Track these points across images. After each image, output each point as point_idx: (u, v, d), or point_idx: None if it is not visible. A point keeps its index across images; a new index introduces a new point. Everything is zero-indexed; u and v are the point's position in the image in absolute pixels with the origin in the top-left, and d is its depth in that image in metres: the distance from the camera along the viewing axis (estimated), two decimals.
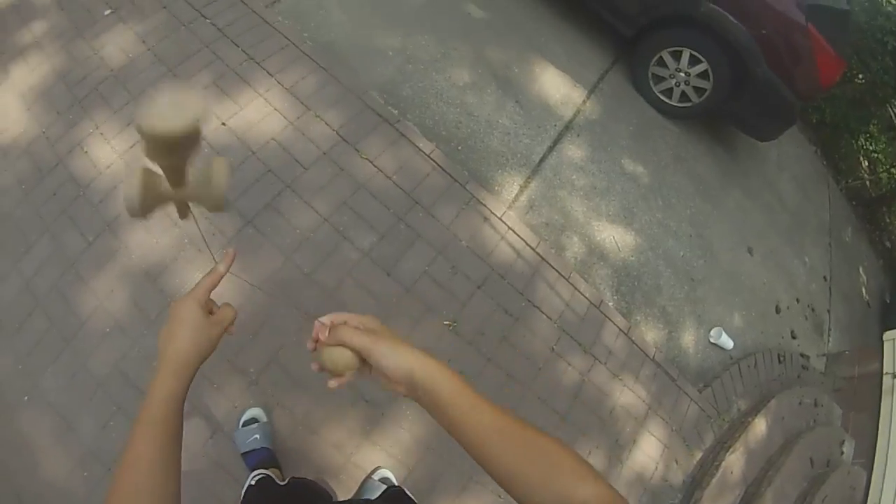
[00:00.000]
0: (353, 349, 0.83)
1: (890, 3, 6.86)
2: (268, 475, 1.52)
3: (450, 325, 2.82)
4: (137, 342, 2.33)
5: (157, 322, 2.36)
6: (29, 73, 2.89)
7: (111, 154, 2.69)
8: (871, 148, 8.28)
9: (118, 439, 2.16)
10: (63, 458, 2.13)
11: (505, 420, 0.78)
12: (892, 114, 9.10)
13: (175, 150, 0.76)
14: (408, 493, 1.52)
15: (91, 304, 2.37)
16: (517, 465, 0.75)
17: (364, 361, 0.85)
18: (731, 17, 4.00)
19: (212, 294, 0.95)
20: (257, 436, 2.23)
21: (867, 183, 8.43)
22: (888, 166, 8.47)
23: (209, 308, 0.94)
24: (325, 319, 0.89)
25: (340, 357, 0.84)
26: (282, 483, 1.50)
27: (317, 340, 0.88)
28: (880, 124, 8.58)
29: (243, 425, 2.29)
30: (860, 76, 7.28)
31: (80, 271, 2.43)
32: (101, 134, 2.72)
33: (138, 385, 2.25)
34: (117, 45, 3.01)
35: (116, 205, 2.56)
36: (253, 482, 1.48)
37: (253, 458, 2.20)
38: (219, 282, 0.96)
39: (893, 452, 4.40)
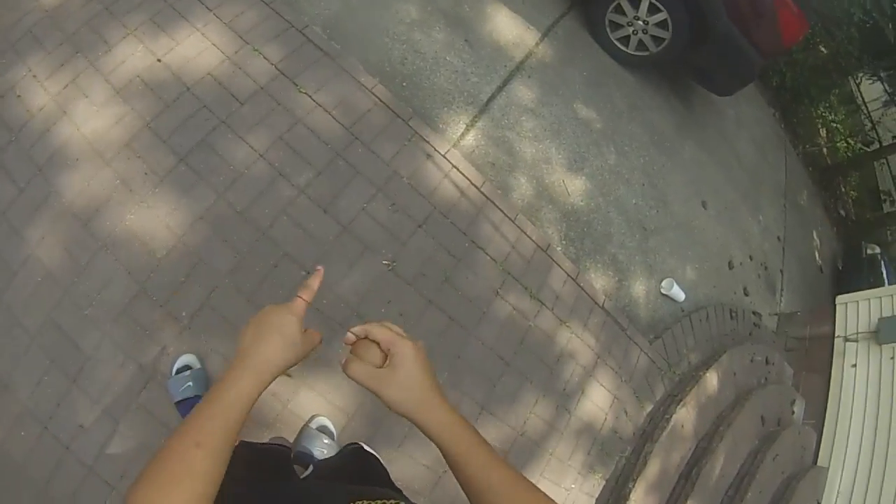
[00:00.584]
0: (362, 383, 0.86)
1: None
2: None
3: (389, 265, 2.67)
4: (69, 291, 2.21)
5: (88, 268, 2.25)
6: None
7: (44, 96, 2.52)
8: (830, 117, 8.37)
9: (54, 395, 2.08)
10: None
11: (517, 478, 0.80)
12: (854, 86, 9.22)
13: None
14: (365, 447, 1.52)
15: (23, 253, 2.25)
16: None
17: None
18: None
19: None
20: (191, 383, 2.15)
21: (824, 150, 8.52)
22: (846, 136, 8.57)
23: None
24: (358, 331, 0.89)
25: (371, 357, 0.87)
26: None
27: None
28: (841, 95, 8.68)
29: (176, 373, 2.20)
30: (823, 45, 7.30)
31: (11, 220, 2.29)
32: (35, 76, 2.55)
33: (72, 336, 2.16)
34: None
35: (48, 148, 2.42)
36: None
37: (186, 407, 2.13)
38: (312, 298, 0.93)
39: (844, 414, 4.44)
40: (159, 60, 2.70)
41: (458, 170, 3.03)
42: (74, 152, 2.40)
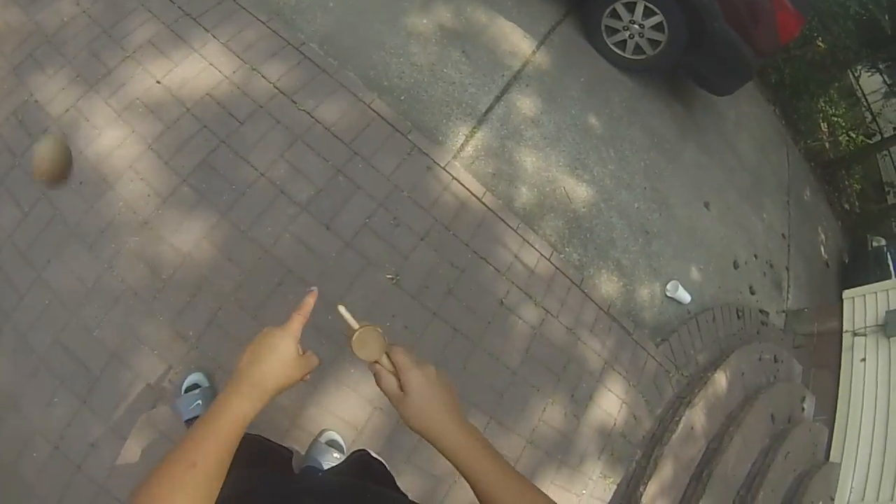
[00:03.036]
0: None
1: None
2: None
3: (392, 279, 2.69)
4: (76, 313, 2.24)
5: (95, 291, 2.28)
6: None
7: (46, 120, 2.55)
8: (830, 111, 8.35)
9: (64, 416, 2.11)
10: (9, 438, 2.08)
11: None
12: (853, 79, 9.21)
13: None
14: (372, 453, 1.54)
15: (29, 276, 2.28)
16: None
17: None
18: None
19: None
20: (200, 402, 2.16)
21: (826, 145, 8.50)
22: (847, 130, 8.54)
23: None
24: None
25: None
26: None
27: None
28: (841, 89, 8.65)
29: (185, 391, 2.21)
30: (821, 39, 7.29)
31: (17, 244, 2.33)
32: (36, 101, 2.59)
33: (80, 358, 2.19)
34: (51, 9, 2.84)
35: None
36: None
37: None
38: (307, 319, 0.96)
39: (854, 409, 4.42)
40: (158, 82, 2.73)
41: (458, 181, 3.05)
42: (78, 176, 2.45)
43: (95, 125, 2.55)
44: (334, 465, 1.93)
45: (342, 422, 2.40)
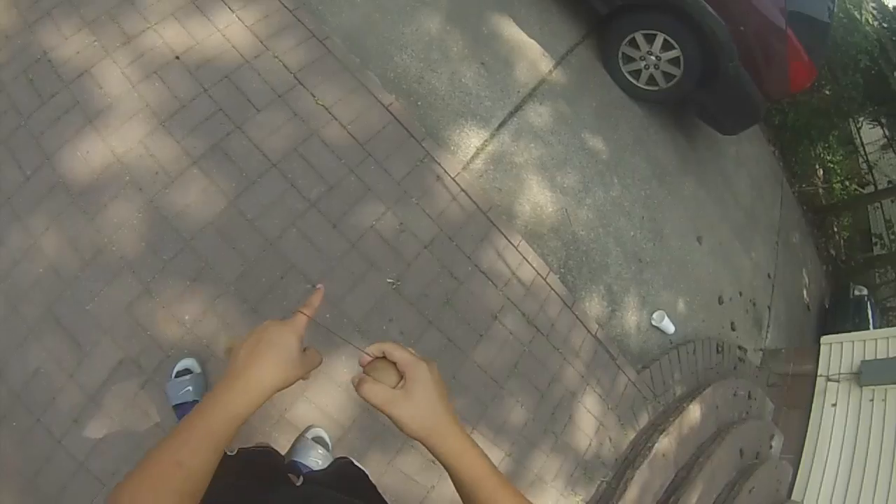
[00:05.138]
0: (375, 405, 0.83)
1: (868, 23, 7.00)
2: None
3: (393, 284, 2.72)
4: (71, 285, 2.19)
5: (92, 264, 2.23)
6: None
7: (57, 83, 2.47)
8: (828, 158, 8.50)
9: (49, 389, 2.07)
10: None
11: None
12: (854, 129, 9.37)
13: None
14: (355, 462, 1.50)
15: (25, 242, 2.22)
16: None
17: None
18: (711, 10, 3.95)
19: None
20: (190, 388, 2.12)
21: (820, 191, 8.65)
22: (842, 178, 8.70)
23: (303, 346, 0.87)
24: (373, 350, 0.88)
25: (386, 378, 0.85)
26: (231, 454, 1.38)
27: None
28: (841, 137, 8.80)
29: (176, 376, 2.18)
30: (828, 88, 7.42)
31: (15, 207, 2.25)
32: (50, 61, 2.51)
33: (71, 331, 2.14)
34: None
35: (58, 137, 2.38)
36: None
37: (184, 411, 2.10)
38: (313, 316, 0.89)
39: (821, 451, 4.53)
40: (178, 58, 2.68)
41: (466, 194, 3.09)
42: (85, 145, 2.39)
43: (108, 94, 2.49)
44: (317, 469, 1.94)
45: (330, 419, 2.41)
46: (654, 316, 3.85)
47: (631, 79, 4.64)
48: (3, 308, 2.13)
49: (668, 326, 3.85)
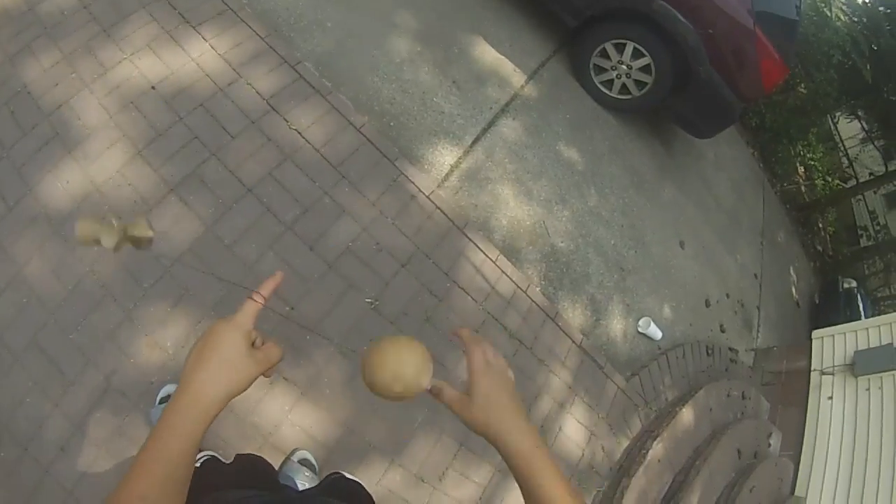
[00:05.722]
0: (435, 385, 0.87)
1: (839, 18, 7.10)
2: (213, 455, 1.40)
3: (372, 304, 2.73)
4: (55, 314, 2.21)
5: (75, 293, 2.25)
6: None
7: (38, 115, 2.53)
8: (808, 155, 8.58)
9: (35, 418, 2.07)
10: None
11: None
12: (832, 125, 9.47)
13: None
14: (347, 475, 1.49)
15: (9, 272, 2.24)
16: None
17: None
18: (679, 15, 4.01)
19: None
20: None
21: (802, 188, 8.71)
22: (824, 174, 8.77)
23: (253, 340, 0.81)
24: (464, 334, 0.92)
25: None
26: (227, 462, 1.38)
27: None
28: (819, 134, 8.89)
29: (160, 402, 2.18)
30: (803, 85, 7.51)
31: None
32: (30, 93, 2.57)
33: (56, 360, 2.15)
34: (53, 1, 2.85)
35: (40, 167, 2.43)
36: (198, 464, 1.37)
37: None
38: (262, 307, 0.83)
39: (821, 445, 4.51)
40: (153, 88, 2.75)
41: (441, 211, 3.12)
42: (66, 174, 2.43)
43: (87, 125, 2.55)
44: (308, 485, 1.93)
45: (314, 441, 2.41)
46: (640, 323, 3.85)
47: (603, 89, 4.69)
48: None
49: (655, 332, 3.85)
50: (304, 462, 2.31)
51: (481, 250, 3.16)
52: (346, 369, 2.54)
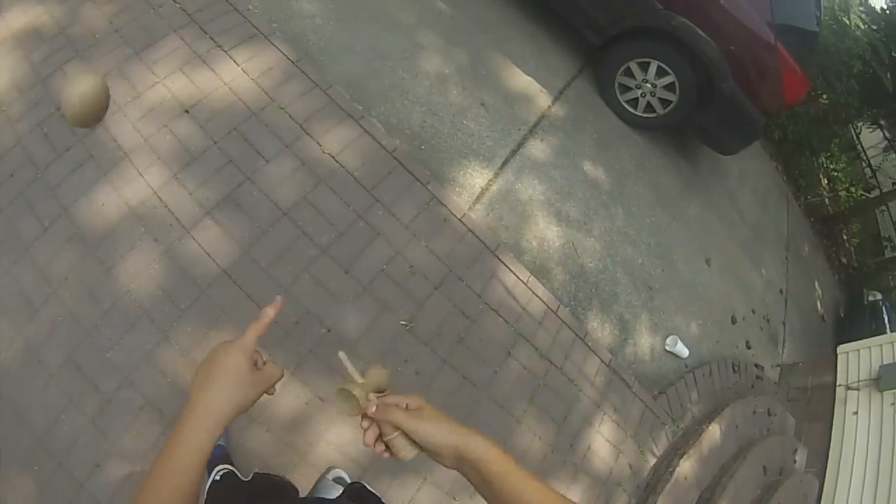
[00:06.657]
0: (398, 427, 0.86)
1: (858, 27, 7.06)
2: (231, 470, 1.47)
3: (406, 325, 2.78)
4: (91, 333, 2.25)
5: (111, 313, 2.30)
6: None
7: (71, 137, 2.59)
8: (831, 166, 8.51)
9: (71, 433, 2.10)
10: (12, 450, 2.06)
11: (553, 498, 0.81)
12: (854, 135, 9.40)
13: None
14: (368, 487, 1.51)
15: (45, 291, 2.29)
16: None
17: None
18: (701, 32, 4.05)
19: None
20: None
21: (826, 200, 8.65)
22: (847, 185, 8.71)
23: (255, 360, 0.88)
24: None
25: (403, 445, 0.88)
26: (245, 479, 1.45)
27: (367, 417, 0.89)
28: (842, 144, 8.82)
29: None
30: (824, 96, 7.47)
31: (34, 257, 2.34)
32: (63, 115, 2.56)
33: (92, 378, 2.19)
34: (84, 24, 2.91)
35: (74, 189, 2.49)
36: (218, 477, 1.44)
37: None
38: (264, 331, 0.90)
39: (846, 461, 4.49)
40: (187, 111, 2.80)
41: (473, 233, 3.17)
42: (100, 196, 2.48)
43: (121, 147, 2.60)
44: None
45: (349, 459, 2.44)
46: (668, 341, 3.88)
47: (629, 108, 4.73)
48: (25, 355, 2.19)
49: (682, 351, 3.88)
50: (338, 480, 2.31)
51: (512, 272, 3.21)
52: None
